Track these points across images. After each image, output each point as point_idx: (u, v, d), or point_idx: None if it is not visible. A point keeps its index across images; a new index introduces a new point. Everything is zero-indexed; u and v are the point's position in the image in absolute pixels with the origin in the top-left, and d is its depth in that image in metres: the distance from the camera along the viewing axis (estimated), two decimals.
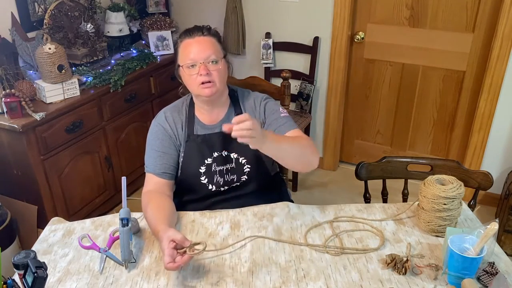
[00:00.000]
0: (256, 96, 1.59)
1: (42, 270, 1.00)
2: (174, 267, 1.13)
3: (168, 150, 1.51)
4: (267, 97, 1.59)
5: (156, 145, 1.51)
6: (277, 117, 1.52)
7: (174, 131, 1.52)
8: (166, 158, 1.50)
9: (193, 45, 1.44)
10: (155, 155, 1.50)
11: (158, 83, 2.96)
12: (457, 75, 2.75)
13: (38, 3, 2.59)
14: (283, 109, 1.55)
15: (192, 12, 3.30)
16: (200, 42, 1.44)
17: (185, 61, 1.44)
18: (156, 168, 1.48)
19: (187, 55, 1.43)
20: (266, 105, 1.55)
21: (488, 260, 1.17)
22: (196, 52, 1.42)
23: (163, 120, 1.53)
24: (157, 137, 1.52)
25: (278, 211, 1.46)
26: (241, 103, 1.57)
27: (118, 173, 2.78)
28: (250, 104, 1.56)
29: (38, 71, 2.38)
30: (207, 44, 1.44)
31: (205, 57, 1.42)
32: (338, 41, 2.88)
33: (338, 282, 1.18)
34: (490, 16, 2.52)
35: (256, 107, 1.55)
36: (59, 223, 1.46)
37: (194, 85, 1.44)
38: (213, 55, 1.43)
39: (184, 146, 1.52)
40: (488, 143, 2.71)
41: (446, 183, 1.32)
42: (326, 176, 3.23)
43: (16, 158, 2.24)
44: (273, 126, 1.51)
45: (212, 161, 1.51)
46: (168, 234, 1.16)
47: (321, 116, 3.16)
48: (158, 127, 1.53)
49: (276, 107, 1.55)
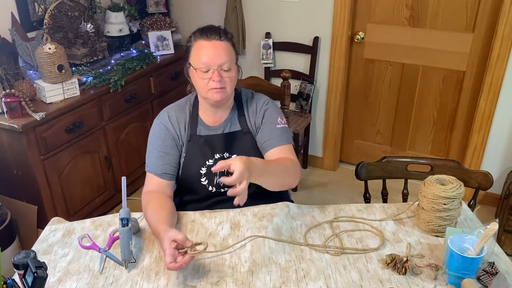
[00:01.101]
0: (258, 98, 1.58)
1: (42, 270, 1.00)
2: (176, 267, 1.13)
3: (170, 150, 1.50)
4: (269, 102, 1.57)
5: (158, 145, 1.50)
6: (272, 128, 1.51)
7: (176, 130, 1.52)
8: (168, 159, 1.49)
9: (209, 49, 1.41)
10: (156, 155, 1.49)
11: (158, 83, 2.96)
12: (457, 75, 2.75)
13: (38, 3, 2.59)
14: (281, 119, 1.54)
15: (192, 12, 3.30)
16: (216, 47, 1.41)
17: (198, 64, 1.41)
18: (157, 169, 1.48)
19: (201, 58, 1.41)
20: (266, 111, 1.54)
21: (488, 260, 1.17)
22: (211, 57, 1.40)
23: (166, 119, 1.52)
24: (159, 137, 1.51)
25: (278, 211, 1.46)
26: (244, 105, 1.56)
27: (118, 173, 2.78)
28: (252, 106, 1.56)
29: (38, 71, 2.38)
30: (223, 50, 1.41)
31: (220, 63, 1.40)
32: (338, 41, 2.88)
33: (338, 282, 1.18)
34: (490, 16, 2.52)
35: (256, 111, 1.55)
36: (59, 223, 1.46)
37: (204, 88, 1.43)
38: (228, 63, 1.41)
39: (186, 146, 1.52)
40: (488, 143, 2.71)
41: (446, 183, 1.32)
42: (326, 176, 3.23)
43: (16, 158, 2.24)
44: (266, 136, 1.50)
45: (213, 163, 1.50)
46: (170, 235, 1.16)
47: (321, 116, 3.16)
48: (160, 127, 1.52)
49: (275, 115, 1.54)
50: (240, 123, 1.54)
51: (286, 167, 1.40)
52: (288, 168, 1.41)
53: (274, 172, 1.36)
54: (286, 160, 1.43)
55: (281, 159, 1.43)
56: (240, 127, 1.54)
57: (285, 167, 1.40)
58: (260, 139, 1.52)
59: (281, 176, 1.39)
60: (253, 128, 1.54)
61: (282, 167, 1.39)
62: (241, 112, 1.55)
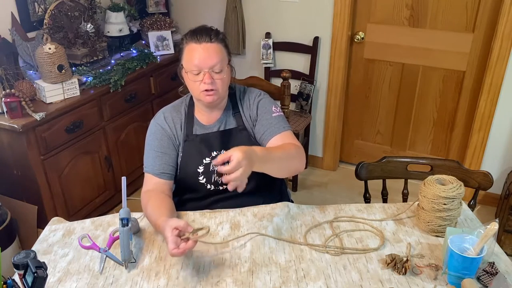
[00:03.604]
0: (251, 92, 1.58)
1: (42, 270, 1.00)
2: (179, 253, 1.13)
3: (167, 150, 1.51)
4: (261, 94, 1.58)
5: (155, 145, 1.51)
6: (268, 117, 1.51)
7: (173, 131, 1.53)
8: (165, 159, 1.50)
9: (199, 51, 1.41)
10: (153, 155, 1.50)
11: (158, 83, 2.96)
12: (457, 75, 2.75)
13: (38, 3, 2.59)
14: (276, 108, 1.54)
15: (192, 12, 3.30)
16: (207, 49, 1.41)
17: (189, 67, 1.42)
18: (155, 168, 1.49)
19: (192, 60, 1.41)
20: (260, 102, 1.55)
21: (488, 260, 1.17)
22: (201, 59, 1.40)
23: (162, 120, 1.53)
24: (155, 137, 1.52)
25: (278, 211, 1.46)
26: (238, 102, 1.57)
27: (118, 173, 2.78)
28: (246, 101, 1.56)
29: (38, 71, 2.38)
30: (213, 52, 1.41)
31: (210, 65, 1.41)
32: (338, 41, 2.88)
33: (338, 282, 1.18)
34: (490, 16, 2.52)
35: (250, 105, 1.55)
36: (59, 223, 1.46)
37: (196, 91, 1.44)
38: (219, 64, 1.41)
39: (182, 146, 1.52)
40: (488, 143, 2.71)
41: (446, 183, 1.32)
42: (326, 176, 3.23)
43: (16, 158, 2.24)
44: (264, 126, 1.51)
45: (210, 160, 1.51)
46: (171, 223, 1.18)
47: (321, 116, 3.16)
48: (156, 127, 1.53)
49: (269, 105, 1.54)
50: (236, 120, 1.55)
51: (289, 153, 1.39)
52: (292, 153, 1.40)
53: (278, 159, 1.35)
54: (289, 145, 1.43)
55: (283, 145, 1.43)
56: (236, 124, 1.54)
57: (288, 152, 1.39)
58: (258, 131, 1.52)
59: (285, 162, 1.38)
60: (249, 123, 1.55)
61: (285, 152, 1.38)
62: (236, 109, 1.55)
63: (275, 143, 1.47)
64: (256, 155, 1.23)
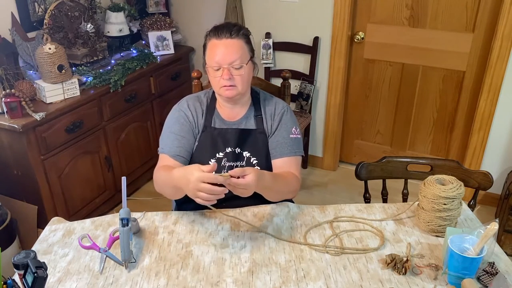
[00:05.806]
0: (277, 102, 1.60)
1: (42, 270, 1.00)
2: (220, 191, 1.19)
3: (186, 135, 1.52)
4: (287, 109, 1.59)
5: (175, 129, 1.52)
6: (285, 136, 1.54)
7: (195, 118, 1.55)
8: (183, 142, 1.51)
9: (220, 47, 1.43)
10: (172, 138, 1.51)
11: (158, 83, 2.96)
12: (457, 75, 2.75)
13: (38, 3, 2.59)
14: (295, 129, 1.57)
15: (192, 12, 3.30)
16: (226, 45, 1.43)
17: (210, 63, 1.45)
18: (172, 150, 1.49)
19: (213, 57, 1.43)
20: (283, 117, 1.56)
21: (488, 260, 1.17)
22: (221, 55, 1.42)
23: (186, 107, 1.55)
24: (177, 121, 1.53)
25: (278, 211, 1.46)
26: (261, 106, 1.58)
27: (118, 173, 2.78)
28: (270, 109, 1.58)
29: (38, 71, 2.38)
30: (233, 48, 1.43)
31: (229, 62, 1.42)
32: (338, 41, 2.88)
33: (338, 282, 1.18)
34: (490, 16, 2.52)
35: (274, 114, 1.57)
36: (59, 223, 1.46)
37: (216, 86, 1.47)
38: (238, 60, 1.43)
39: (200, 135, 1.54)
40: (488, 143, 2.71)
41: (446, 183, 1.32)
42: (326, 176, 3.23)
43: (16, 158, 2.24)
44: (278, 143, 1.53)
45: (223, 156, 1.52)
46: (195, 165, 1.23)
47: (321, 116, 3.16)
48: (180, 113, 1.55)
49: (290, 124, 1.56)
50: (256, 123, 1.56)
51: (290, 186, 1.47)
52: (291, 186, 1.47)
53: (277, 188, 1.42)
54: (292, 177, 1.48)
55: (288, 176, 1.47)
56: (256, 126, 1.56)
57: (289, 186, 1.46)
58: (271, 144, 1.55)
59: (282, 192, 1.47)
60: (267, 130, 1.57)
61: (287, 186, 1.46)
62: (258, 112, 1.57)
63: (281, 165, 1.51)
64: (264, 181, 1.30)
